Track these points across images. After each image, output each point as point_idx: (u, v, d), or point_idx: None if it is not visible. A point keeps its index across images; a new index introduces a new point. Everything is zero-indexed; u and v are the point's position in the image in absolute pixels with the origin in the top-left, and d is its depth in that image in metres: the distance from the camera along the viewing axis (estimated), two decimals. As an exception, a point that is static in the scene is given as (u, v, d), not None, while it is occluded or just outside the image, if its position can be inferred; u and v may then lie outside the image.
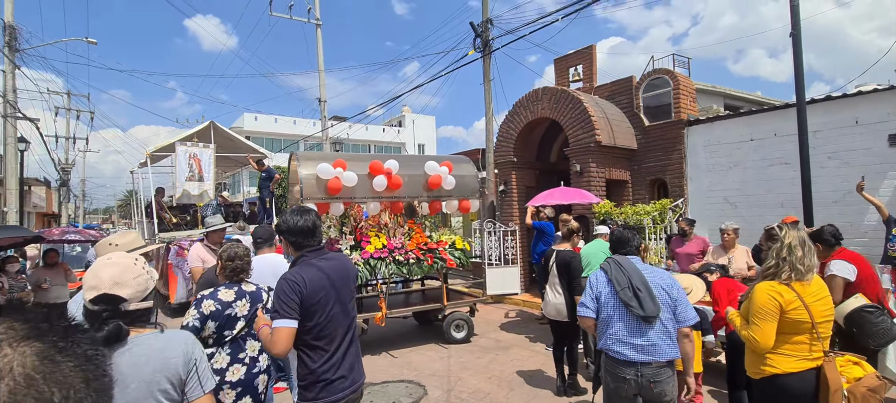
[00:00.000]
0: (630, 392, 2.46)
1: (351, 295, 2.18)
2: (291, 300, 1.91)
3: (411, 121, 39.54)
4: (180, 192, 10.01)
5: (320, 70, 15.67)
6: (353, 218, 5.98)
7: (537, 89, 8.91)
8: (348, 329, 2.12)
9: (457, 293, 7.01)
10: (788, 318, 2.19)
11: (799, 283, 2.23)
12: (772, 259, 2.31)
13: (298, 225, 2.08)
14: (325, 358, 2.00)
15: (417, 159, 6.36)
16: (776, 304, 2.20)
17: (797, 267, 2.24)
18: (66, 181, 22.65)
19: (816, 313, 2.20)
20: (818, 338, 2.21)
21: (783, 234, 2.31)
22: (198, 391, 1.45)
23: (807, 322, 2.18)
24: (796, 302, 2.19)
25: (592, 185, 7.95)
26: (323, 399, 1.99)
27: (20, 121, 13.44)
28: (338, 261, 2.17)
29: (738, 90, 12.70)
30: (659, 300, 2.48)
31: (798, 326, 2.20)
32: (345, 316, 2.10)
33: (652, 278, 2.56)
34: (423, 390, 4.62)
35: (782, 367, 2.23)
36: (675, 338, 2.49)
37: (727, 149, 7.42)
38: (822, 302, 2.24)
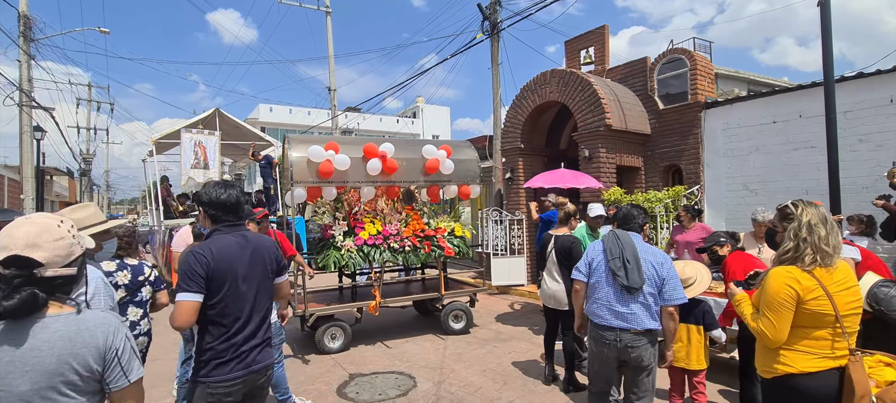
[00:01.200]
0: (610, 355, 2.68)
1: (266, 276, 2.09)
2: (195, 273, 1.86)
3: (427, 112, 39.28)
4: (185, 180, 10.00)
5: (330, 57, 15.52)
6: (347, 203, 5.77)
7: (545, 72, 8.53)
8: (255, 309, 2.03)
9: (456, 282, 6.77)
10: (807, 310, 1.87)
11: (822, 269, 1.90)
12: (789, 241, 1.97)
13: (219, 198, 2.00)
14: (225, 336, 1.94)
15: (414, 143, 6.11)
16: (792, 293, 1.88)
17: (822, 249, 1.90)
18: (86, 171, 23.15)
19: (841, 304, 1.87)
20: (843, 334, 1.89)
21: (799, 212, 1.98)
22: (121, 380, 1.31)
23: (830, 314, 1.86)
24: (817, 290, 1.87)
25: (602, 172, 7.58)
26: (216, 378, 1.91)
27: (37, 110, 13.72)
28: (255, 240, 2.09)
29: (762, 75, 11.99)
30: (645, 274, 2.61)
31: (819, 319, 1.87)
32: (255, 297, 2.03)
33: (644, 253, 2.68)
34: (412, 382, 4.41)
35: (798, 366, 1.91)
36: (655, 312, 2.63)
37: (747, 132, 6.95)
38: (849, 291, 1.90)
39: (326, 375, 4.64)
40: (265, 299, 2.09)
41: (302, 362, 5.02)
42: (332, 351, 5.27)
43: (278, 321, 3.45)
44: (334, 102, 16.31)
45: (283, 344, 3.48)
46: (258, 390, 2.08)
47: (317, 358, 5.13)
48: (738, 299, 2.19)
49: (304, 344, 5.58)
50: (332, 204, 5.72)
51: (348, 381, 4.48)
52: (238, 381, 1.95)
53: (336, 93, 16.72)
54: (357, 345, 5.53)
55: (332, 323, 5.37)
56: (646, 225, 2.96)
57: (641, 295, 2.60)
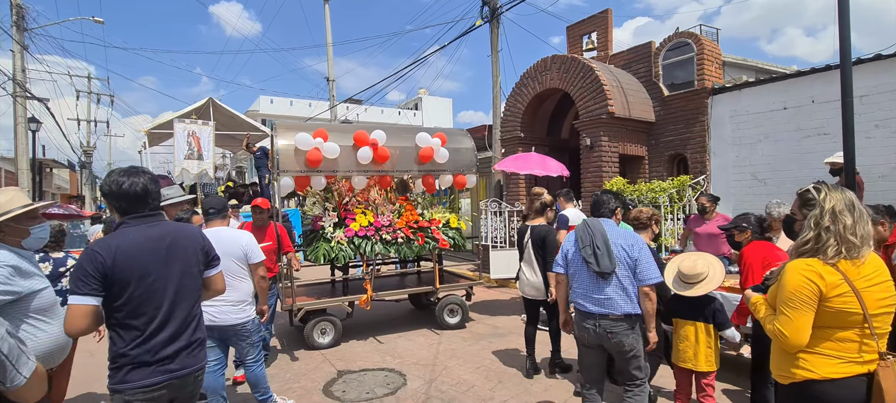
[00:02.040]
0: (592, 341, 2.73)
1: (188, 270, 1.91)
2: (88, 275, 1.68)
3: (429, 104, 38.96)
4: (179, 171, 9.81)
5: (328, 45, 15.25)
6: (337, 193, 5.55)
7: (546, 58, 8.25)
8: (176, 308, 1.85)
9: (452, 275, 6.56)
10: (830, 308, 1.64)
11: (848, 262, 1.66)
12: (809, 230, 1.73)
13: (122, 188, 1.79)
14: (139, 340, 1.76)
15: (407, 130, 5.88)
16: (814, 289, 1.65)
17: (848, 240, 1.66)
18: (86, 163, 23.06)
19: (871, 302, 1.64)
20: (872, 335, 1.65)
21: (822, 197, 1.74)
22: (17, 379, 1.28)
23: (857, 313, 1.63)
24: (842, 286, 1.63)
25: (604, 161, 7.32)
26: (131, 385, 1.74)
27: (35, 102, 13.57)
28: (175, 231, 1.91)
29: (770, 64, 11.61)
30: (616, 257, 2.65)
31: (844, 319, 1.65)
32: (175, 294, 1.85)
33: (614, 237, 2.73)
34: (402, 380, 4.22)
35: (820, 371, 1.68)
36: (632, 294, 2.65)
37: (757, 119, 6.66)
38: (880, 287, 1.66)
39: (314, 372, 4.45)
40: (189, 296, 1.90)
41: (290, 358, 4.84)
42: (322, 347, 5.08)
43: (257, 317, 3.25)
44: (333, 92, 16.07)
45: (261, 342, 3.29)
46: (188, 397, 1.91)
47: (305, 354, 4.94)
48: (755, 302, 1.94)
49: (294, 340, 5.40)
50: (321, 194, 5.51)
51: (336, 379, 4.29)
52: (158, 387, 1.78)
53: (335, 83, 16.48)
54: (348, 341, 5.33)
55: (321, 318, 5.18)
56: (618, 210, 3.00)
57: (615, 279, 2.65)
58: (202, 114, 10.39)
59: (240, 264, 3.07)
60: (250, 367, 3.26)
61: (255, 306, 3.20)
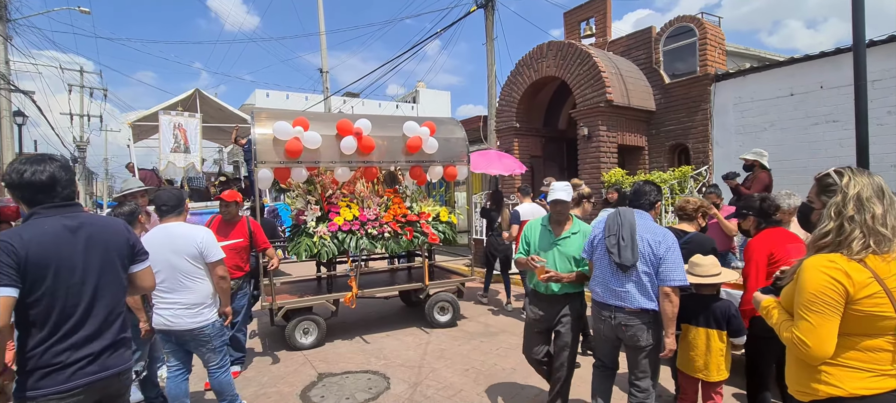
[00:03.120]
0: (608, 333, 2.70)
1: (110, 265, 1.77)
2: (3, 264, 1.52)
3: (427, 97, 38.56)
4: (165, 164, 9.52)
5: (321, 33, 14.87)
6: (320, 185, 5.27)
7: (542, 45, 7.93)
8: (95, 305, 1.70)
9: (443, 271, 6.30)
10: (859, 312, 1.39)
11: (877, 258, 1.41)
12: (829, 220, 1.49)
13: (24, 177, 1.63)
14: (54, 340, 1.60)
15: (394, 119, 5.57)
16: (840, 290, 1.40)
17: (877, 232, 1.42)
18: (78, 158, 22.75)
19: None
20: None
21: (845, 182, 1.50)
22: None
23: (890, 317, 1.38)
24: (873, 286, 1.38)
25: (602, 151, 7.03)
26: (43, 391, 1.58)
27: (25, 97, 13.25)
28: (94, 223, 1.75)
29: (773, 53, 11.27)
30: (640, 252, 2.55)
31: (874, 325, 1.40)
32: (95, 291, 1.71)
33: (643, 231, 2.59)
34: (386, 383, 3.96)
35: (847, 387, 1.43)
36: (650, 291, 2.54)
37: (762, 106, 6.36)
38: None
39: (293, 375, 4.19)
40: (111, 292, 1.76)
41: (270, 360, 4.58)
42: (304, 348, 4.82)
43: (220, 319, 2.98)
44: (326, 84, 15.72)
45: (225, 347, 3.02)
46: (110, 400, 1.75)
47: (286, 356, 4.68)
48: (766, 307, 1.66)
49: (276, 340, 5.14)
50: (303, 186, 5.22)
51: (316, 382, 4.03)
52: (77, 392, 1.63)
53: (329, 75, 16.13)
54: (333, 341, 5.07)
55: (304, 317, 4.91)
56: (657, 204, 2.81)
57: (635, 273, 2.56)
58: (188, 106, 10.09)
59: (195, 263, 2.79)
60: (214, 374, 3.00)
61: (216, 308, 2.92)
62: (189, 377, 3.02)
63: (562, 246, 2.89)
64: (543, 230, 2.99)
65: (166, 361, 2.94)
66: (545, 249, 2.92)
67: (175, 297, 2.78)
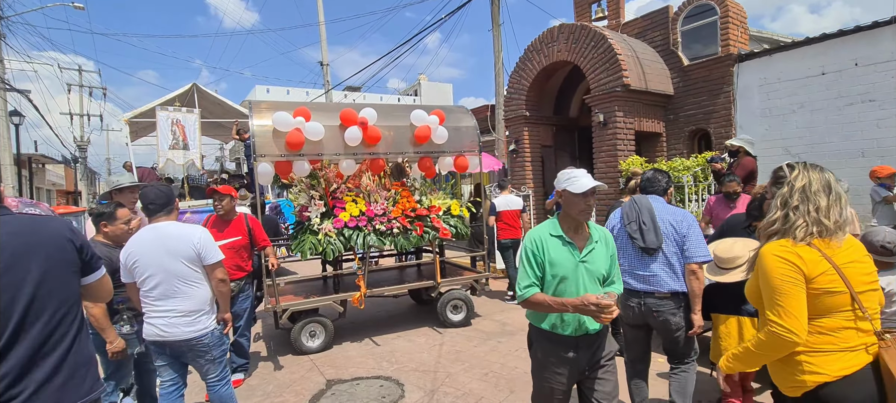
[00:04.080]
0: (636, 320, 2.68)
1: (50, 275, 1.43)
2: None
3: (429, 89, 38.14)
4: (164, 162, 9.24)
5: (321, 23, 14.50)
6: (324, 180, 4.97)
7: (552, 28, 7.57)
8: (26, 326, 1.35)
9: (455, 267, 6.00)
10: (816, 289, 1.49)
11: (821, 241, 1.54)
12: (776, 210, 1.64)
13: None
14: None
15: (401, 108, 5.26)
16: (797, 270, 1.50)
17: (820, 222, 1.54)
18: (78, 158, 22.57)
19: (855, 279, 1.50)
20: (864, 316, 1.51)
21: (794, 175, 1.64)
22: None
23: (843, 291, 1.49)
24: (823, 263, 1.50)
25: (619, 138, 6.69)
26: None
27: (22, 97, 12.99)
28: (24, 226, 1.43)
29: (787, 36, 10.73)
30: (662, 233, 2.57)
31: (831, 301, 1.49)
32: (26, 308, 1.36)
33: (662, 213, 2.65)
34: (400, 391, 3.68)
35: (830, 370, 1.49)
36: (679, 272, 2.55)
37: (790, 87, 5.99)
38: (859, 264, 1.53)
39: (300, 382, 3.92)
40: (52, 308, 1.42)
41: (274, 367, 4.31)
42: (311, 351, 4.55)
43: (219, 327, 2.69)
44: (327, 77, 15.39)
45: (225, 357, 2.74)
46: None
47: (292, 361, 4.41)
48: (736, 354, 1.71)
49: (281, 343, 4.87)
50: (307, 181, 4.93)
51: (325, 390, 3.76)
52: None
53: (329, 68, 15.79)
54: (341, 343, 4.80)
55: (310, 319, 4.64)
56: (670, 190, 2.88)
57: (661, 255, 2.57)
58: (186, 102, 9.80)
59: (192, 266, 2.50)
60: (214, 387, 2.71)
61: (214, 315, 2.64)
62: (184, 392, 2.74)
63: (589, 264, 2.01)
64: (560, 244, 2.03)
65: (159, 376, 2.66)
66: (569, 274, 1.99)
67: (169, 304, 2.49)
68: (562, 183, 2.04)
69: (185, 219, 7.23)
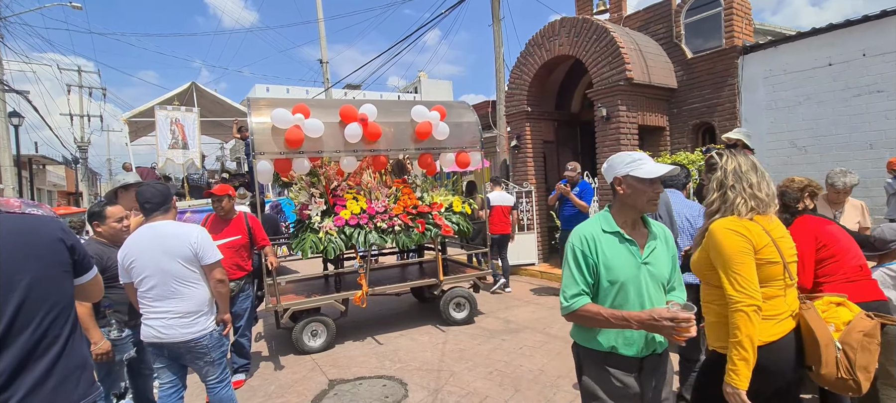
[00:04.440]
0: None
1: (41, 275, 1.37)
2: None
3: (429, 86, 38.01)
4: (163, 161, 9.21)
5: (319, 20, 14.42)
6: (324, 177, 4.91)
7: (554, 21, 7.48)
8: (14, 329, 1.29)
9: (457, 265, 5.95)
10: (761, 260, 1.68)
11: (762, 217, 1.74)
12: (713, 192, 1.82)
13: None
14: None
15: (402, 104, 5.19)
16: (747, 241, 1.67)
17: (756, 196, 1.74)
18: (79, 159, 22.54)
19: (785, 251, 1.73)
20: (792, 283, 1.76)
21: (724, 160, 1.83)
22: None
23: (778, 262, 1.71)
24: (765, 237, 1.70)
25: (622, 133, 6.62)
26: None
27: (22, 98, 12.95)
28: (9, 224, 1.37)
29: (790, 28, 10.57)
30: (678, 227, 2.66)
31: (770, 271, 1.69)
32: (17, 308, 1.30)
33: (679, 207, 2.74)
34: (403, 390, 3.62)
35: (764, 336, 1.66)
36: None
37: (796, 78, 5.91)
38: (786, 239, 1.78)
39: (302, 383, 3.87)
40: (44, 310, 1.36)
41: (275, 367, 4.26)
42: (313, 351, 4.50)
43: (218, 328, 2.63)
44: (327, 75, 15.31)
45: (224, 358, 2.68)
46: None
47: (294, 360, 4.36)
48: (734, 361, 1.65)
49: (282, 343, 4.83)
50: (307, 179, 4.87)
51: (327, 390, 3.71)
52: None
53: (328, 66, 15.71)
54: (343, 342, 4.75)
55: (312, 319, 4.59)
56: (688, 185, 3.05)
57: (677, 249, 2.47)
58: (185, 101, 9.75)
59: (189, 267, 2.44)
60: (214, 390, 2.66)
61: (213, 316, 2.58)
62: (184, 395, 2.68)
63: (653, 267, 1.67)
64: (616, 242, 1.66)
65: (158, 378, 2.60)
66: (630, 279, 1.63)
67: (166, 305, 2.44)
68: (621, 167, 1.66)
69: (185, 219, 7.18)
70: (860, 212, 3.56)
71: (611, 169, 1.71)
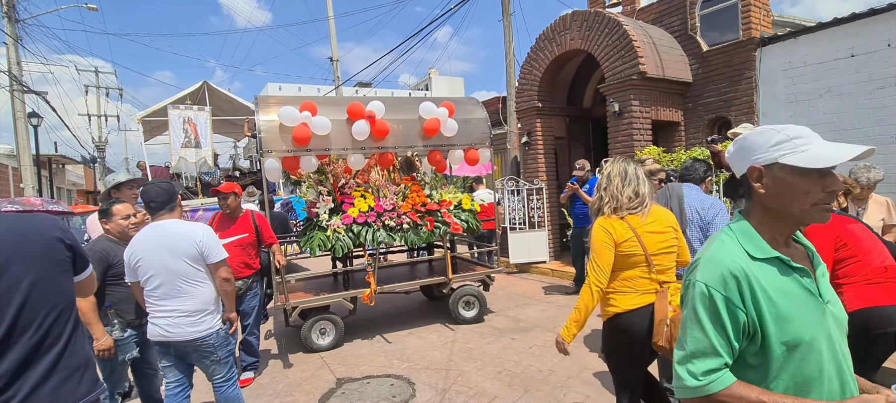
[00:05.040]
0: None
1: (42, 273, 1.37)
2: None
3: (440, 83, 37.92)
4: (176, 160, 9.31)
5: (329, 18, 14.44)
6: (332, 175, 4.89)
7: (565, 15, 7.36)
8: (19, 324, 1.29)
9: (467, 263, 5.89)
10: (621, 252, 2.09)
11: (634, 216, 2.12)
12: (596, 193, 2.23)
13: None
14: None
15: (410, 101, 5.14)
16: (608, 237, 2.09)
17: (616, 197, 2.13)
18: (96, 158, 23.00)
19: (650, 245, 2.10)
20: (653, 272, 2.11)
21: (607, 166, 2.22)
22: None
23: (639, 254, 2.09)
24: (628, 234, 2.09)
25: (635, 128, 6.48)
26: None
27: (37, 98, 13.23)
28: (7, 223, 1.35)
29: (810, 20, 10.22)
30: (688, 219, 2.73)
31: (630, 260, 2.10)
32: (20, 308, 1.30)
33: (690, 201, 2.78)
34: (411, 390, 3.59)
35: (622, 305, 2.11)
36: None
37: (817, 71, 5.71)
38: (658, 235, 2.13)
39: (310, 381, 3.86)
40: (45, 310, 1.36)
41: (284, 364, 4.26)
42: (322, 349, 4.49)
43: (224, 327, 2.62)
44: (337, 73, 15.34)
45: (230, 357, 2.67)
46: None
47: (303, 358, 4.36)
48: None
49: (291, 341, 4.83)
50: (314, 177, 4.85)
51: (335, 389, 3.69)
52: None
53: (339, 64, 15.74)
54: (352, 340, 4.74)
55: (320, 317, 4.58)
56: (708, 179, 2.97)
57: (686, 239, 2.59)
58: (198, 100, 9.85)
59: (195, 265, 2.43)
60: (220, 389, 2.65)
61: (219, 314, 2.57)
62: (191, 393, 2.68)
63: (835, 307, 1.07)
64: (777, 274, 1.02)
65: (165, 377, 2.60)
66: (816, 334, 1.00)
67: (173, 304, 2.43)
68: (763, 150, 1.03)
69: (197, 217, 7.23)
70: (885, 209, 3.41)
71: (746, 152, 1.07)
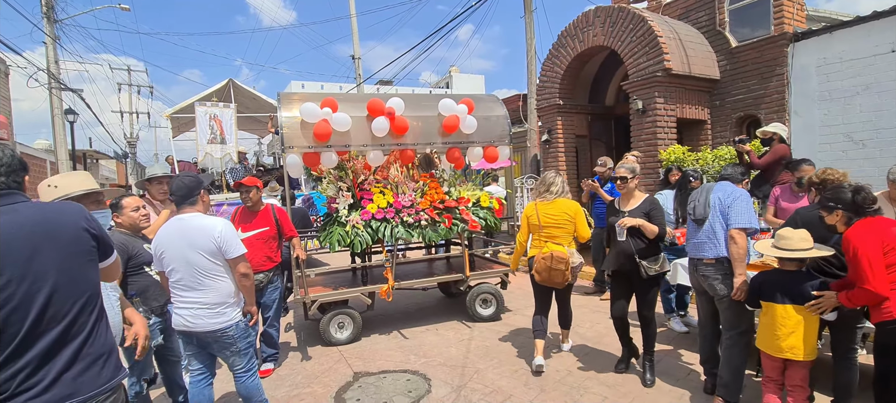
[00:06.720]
0: (698, 286, 3.10)
1: (68, 264, 1.41)
2: None
3: (461, 81, 37.85)
4: (202, 156, 9.55)
5: (352, 15, 14.56)
6: (352, 171, 4.93)
7: (588, 11, 7.23)
8: (44, 318, 1.33)
9: (485, 260, 5.87)
10: (529, 224, 3.71)
11: (542, 202, 3.65)
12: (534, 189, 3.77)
13: None
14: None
15: (429, 98, 5.14)
16: (525, 214, 3.74)
17: (537, 190, 3.77)
18: (128, 153, 23.85)
19: (544, 220, 3.61)
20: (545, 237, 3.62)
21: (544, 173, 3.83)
22: None
23: (537, 225, 3.65)
24: (533, 211, 3.69)
25: (659, 126, 6.33)
26: None
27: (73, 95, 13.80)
28: (37, 214, 1.40)
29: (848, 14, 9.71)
30: (711, 206, 2.93)
31: (534, 229, 3.70)
32: (47, 300, 1.34)
33: (716, 192, 2.96)
34: (426, 386, 3.60)
35: (531, 253, 3.69)
36: (721, 239, 2.86)
37: (854, 67, 5.46)
38: (551, 216, 3.60)
39: (328, 374, 3.92)
40: (72, 299, 1.40)
41: (303, 357, 4.33)
42: (340, 343, 4.55)
43: (245, 319, 2.68)
44: (359, 71, 15.48)
45: (251, 349, 2.73)
46: None
47: (322, 352, 4.43)
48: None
49: (310, 334, 4.91)
50: (335, 172, 4.91)
51: (351, 382, 3.74)
52: None
53: (361, 61, 15.89)
54: (370, 335, 4.79)
55: (338, 311, 4.64)
56: (745, 181, 3.10)
57: (707, 225, 2.92)
58: (223, 97, 10.08)
59: (213, 259, 2.49)
60: (240, 379, 2.72)
61: (240, 307, 2.63)
62: (213, 382, 2.76)
63: None
64: None
65: (188, 365, 2.68)
66: None
67: (194, 296, 2.50)
68: None
69: (222, 212, 7.40)
70: None
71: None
